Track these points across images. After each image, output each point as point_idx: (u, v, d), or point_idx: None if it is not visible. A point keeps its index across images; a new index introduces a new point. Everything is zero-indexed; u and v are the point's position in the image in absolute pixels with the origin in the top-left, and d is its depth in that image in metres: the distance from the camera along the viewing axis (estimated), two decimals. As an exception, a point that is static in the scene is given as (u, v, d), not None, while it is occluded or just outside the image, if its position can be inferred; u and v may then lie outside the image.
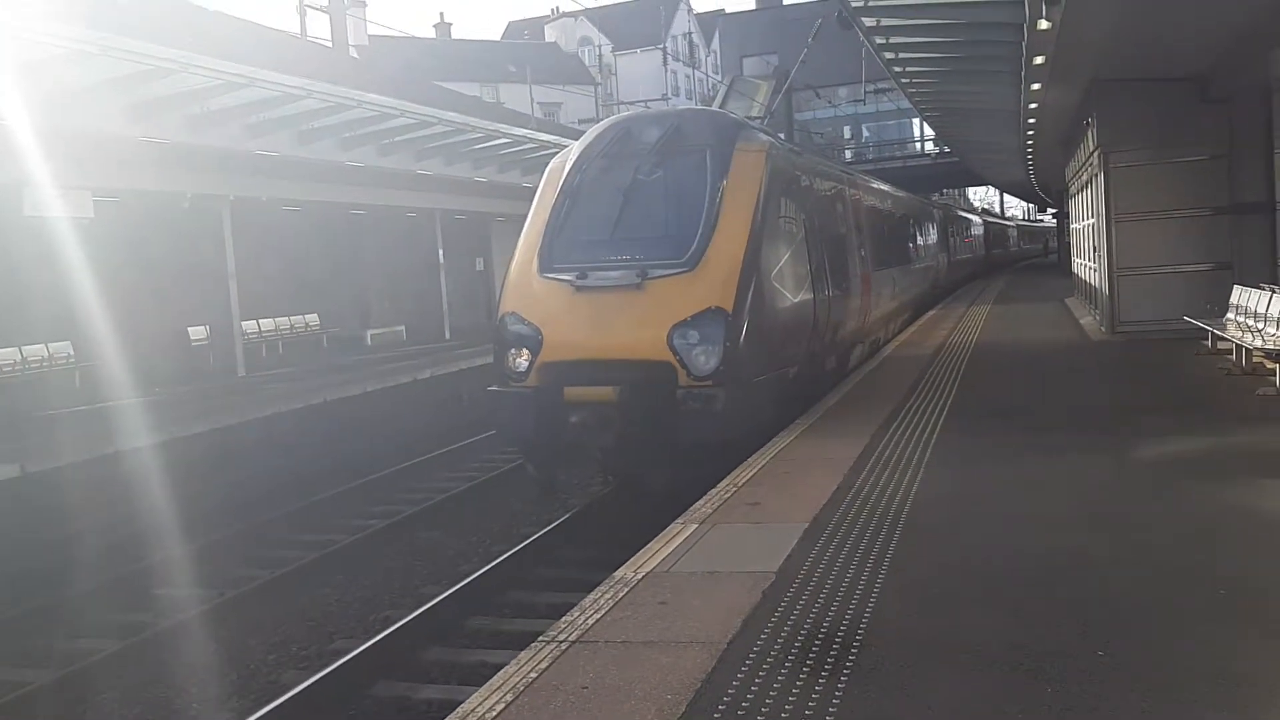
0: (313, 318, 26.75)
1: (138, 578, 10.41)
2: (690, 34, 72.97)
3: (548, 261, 10.16)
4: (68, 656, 8.58)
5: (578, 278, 9.83)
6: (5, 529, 10.68)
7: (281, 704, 6.91)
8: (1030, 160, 29.53)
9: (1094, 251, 18.83)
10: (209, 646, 8.64)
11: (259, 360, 22.43)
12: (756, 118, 27.06)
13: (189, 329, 22.04)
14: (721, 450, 9.02)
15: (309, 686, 7.15)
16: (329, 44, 31.76)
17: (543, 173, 11.38)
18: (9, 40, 12.36)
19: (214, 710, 7.64)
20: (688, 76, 71.66)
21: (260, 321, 24.29)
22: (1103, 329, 17.22)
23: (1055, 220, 55.91)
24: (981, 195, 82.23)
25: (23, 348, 18.24)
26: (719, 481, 7.92)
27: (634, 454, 9.67)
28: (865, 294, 14.62)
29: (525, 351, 9.85)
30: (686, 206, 10.11)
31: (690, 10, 73.74)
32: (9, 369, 18.06)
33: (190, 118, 17.01)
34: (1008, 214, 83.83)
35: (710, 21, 75.83)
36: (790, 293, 10.87)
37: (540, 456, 10.21)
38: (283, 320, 25.59)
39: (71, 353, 18.67)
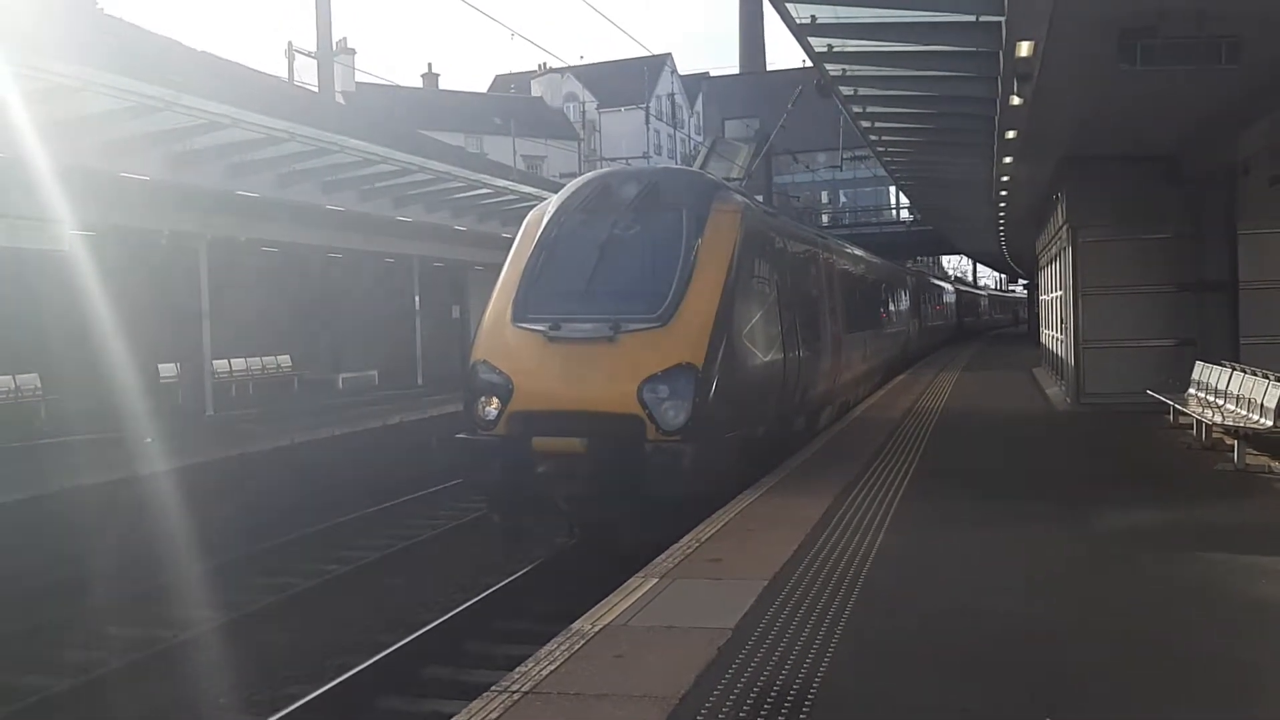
0: (285, 359, 26.68)
1: (88, 616, 10.26)
2: (674, 95, 73.95)
3: (522, 311, 10.19)
4: (10, 693, 8.44)
5: (551, 328, 9.85)
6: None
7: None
8: (1002, 231, 30.02)
9: (1061, 323, 19.11)
10: (161, 689, 8.51)
11: (228, 400, 22.31)
12: (736, 179, 27.37)
13: (159, 366, 21.89)
14: (686, 505, 9.02)
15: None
16: (315, 89, 31.97)
17: (521, 223, 11.48)
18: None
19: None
20: (670, 136, 72.52)
21: (232, 361, 24.20)
22: (1068, 400, 17.42)
23: (1026, 291, 56.67)
24: (955, 264, 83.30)
25: (-11, 378, 18.11)
26: (682, 536, 7.93)
27: (600, 506, 9.61)
28: (836, 356, 14.74)
29: (495, 400, 9.84)
30: (661, 263, 10.19)
31: (675, 72, 74.81)
32: (-28, 399, 17.91)
33: (173, 155, 17.06)
34: (980, 283, 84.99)
35: (694, 84, 76.95)
36: (761, 352, 10.94)
37: (506, 505, 10.15)
38: (254, 360, 25.51)
39: (39, 385, 18.52)
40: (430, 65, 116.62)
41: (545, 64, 67.14)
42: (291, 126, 17.58)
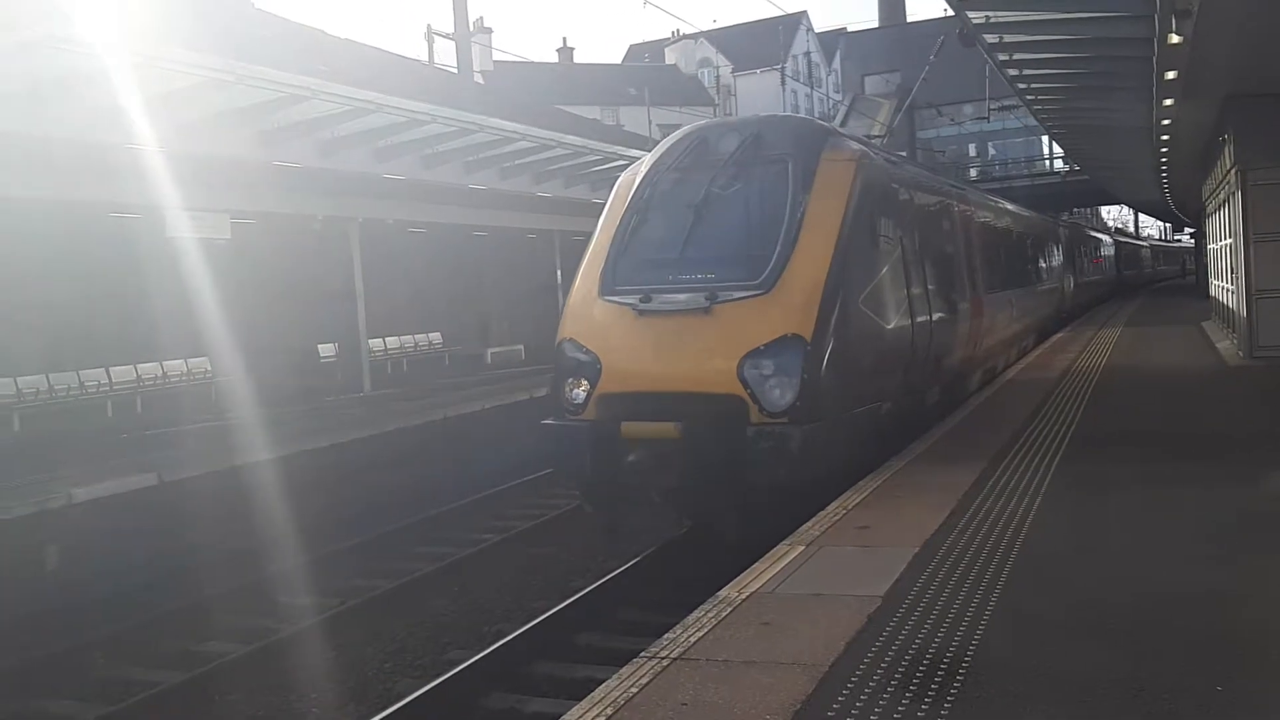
0: (435, 336, 27.46)
1: (263, 584, 10.84)
2: (810, 53, 72.61)
3: (610, 283, 9.34)
4: (198, 658, 9.01)
5: (641, 301, 8.93)
6: (142, 534, 11.24)
7: (397, 710, 7.11)
8: (1165, 178, 28.50)
9: (1231, 273, 18.05)
10: (329, 653, 8.95)
11: (384, 377, 23.11)
12: (878, 136, 26.63)
13: (319, 346, 22.85)
14: (796, 494, 8.25)
15: (423, 694, 7.34)
16: (454, 70, 32.61)
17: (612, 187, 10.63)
18: (151, 70, 13.06)
19: (333, 714, 7.90)
20: (807, 96, 71.31)
21: (386, 339, 25.04)
22: (1240, 353, 16.47)
23: (1193, 240, 53.74)
24: (1115, 214, 79.62)
25: (163, 362, 19.21)
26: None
27: (698, 498, 8.76)
28: (976, 319, 13.42)
29: (583, 381, 9.03)
30: (764, 222, 9.14)
31: (810, 29, 73.43)
32: (150, 383, 19.05)
33: (321, 142, 17.70)
34: (1143, 233, 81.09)
35: (831, 40, 75.26)
36: (882, 318, 9.73)
37: (599, 496, 9.35)
38: (407, 338, 26.34)
39: (209, 368, 19.55)
40: (565, 40, 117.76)
41: (678, 31, 66.90)
42: (433, 108, 18.00)
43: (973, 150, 65.93)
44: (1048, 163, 55.66)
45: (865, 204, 9.52)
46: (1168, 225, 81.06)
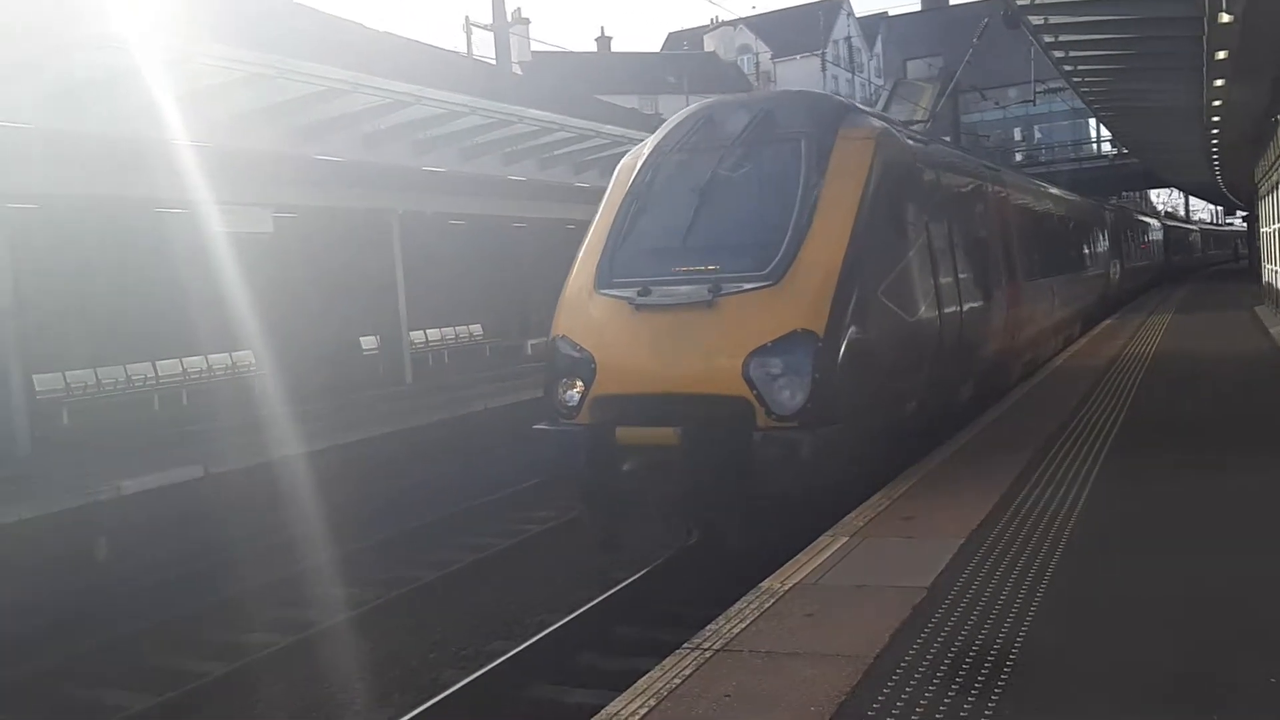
0: (476, 328, 27.58)
1: (303, 577, 10.92)
2: (851, 38, 71.97)
3: (607, 275, 8.66)
4: (242, 649, 9.10)
5: (639, 294, 8.25)
6: (188, 526, 11.37)
7: (441, 701, 7.13)
8: (1216, 161, 27.95)
9: (1285, 256, 17.68)
10: (372, 644, 9.00)
11: (426, 369, 23.24)
12: (920, 121, 26.28)
13: (361, 339, 23.01)
14: (807, 503, 7.67)
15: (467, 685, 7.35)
16: (493, 61, 32.67)
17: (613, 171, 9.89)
18: (192, 66, 13.16)
19: (378, 703, 7.94)
20: (848, 81, 70.68)
21: (427, 331, 25.18)
22: (1295, 339, 16.13)
23: (1245, 224, 52.74)
24: (1165, 198, 78.33)
25: (208, 356, 19.43)
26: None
27: (700, 509, 8.19)
28: (1013, 308, 12.77)
29: (578, 382, 8.39)
30: (773, 207, 8.50)
31: (851, 14, 72.78)
32: (196, 376, 19.28)
33: (362, 136, 17.77)
34: (1194, 217, 79.82)
35: (873, 25, 74.61)
36: (905, 310, 8.99)
37: (597, 506, 8.72)
38: (448, 330, 26.48)
39: (253, 361, 19.73)
40: (603, 29, 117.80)
41: (717, 18, 66.61)
42: (471, 100, 18.01)
43: (1018, 134, 65.17)
44: (1095, 146, 54.86)
45: (886, 186, 8.83)
46: (1219, 208, 79.61)
